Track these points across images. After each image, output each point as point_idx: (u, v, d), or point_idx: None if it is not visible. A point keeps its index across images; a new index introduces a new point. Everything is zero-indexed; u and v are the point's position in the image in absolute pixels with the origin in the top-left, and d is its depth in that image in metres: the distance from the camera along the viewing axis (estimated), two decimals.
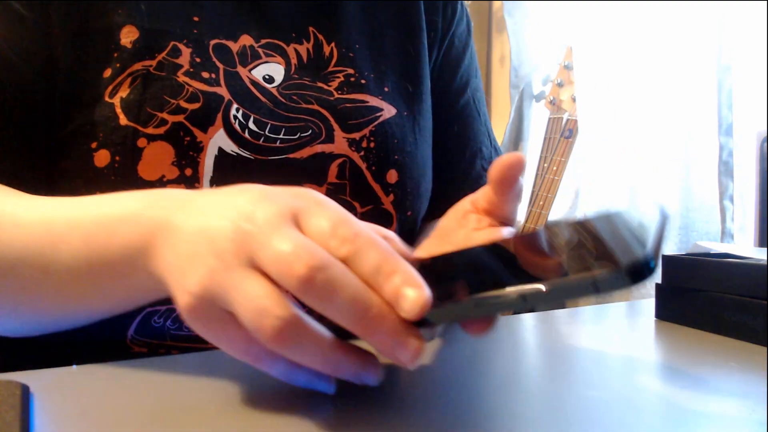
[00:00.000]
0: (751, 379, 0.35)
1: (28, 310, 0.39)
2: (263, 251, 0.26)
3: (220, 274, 0.27)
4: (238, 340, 0.28)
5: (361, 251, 0.27)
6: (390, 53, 0.58)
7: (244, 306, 0.26)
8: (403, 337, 0.26)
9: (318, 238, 0.27)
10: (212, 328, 0.28)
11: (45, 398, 0.30)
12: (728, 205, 1.34)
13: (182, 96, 0.46)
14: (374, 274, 0.26)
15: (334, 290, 0.25)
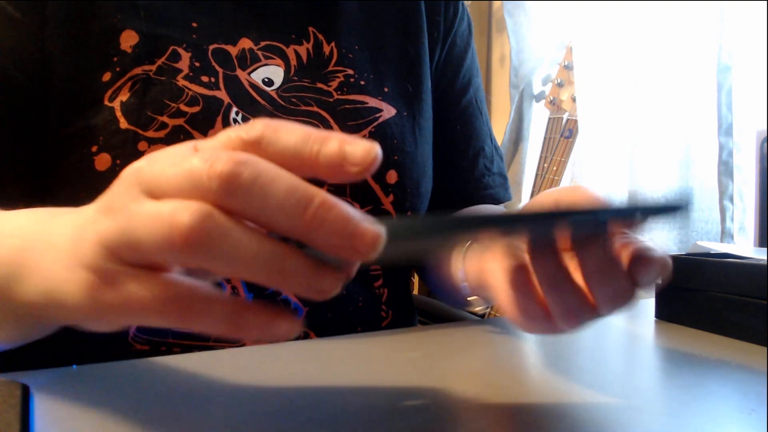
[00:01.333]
0: (751, 379, 0.35)
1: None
2: (161, 177, 0.22)
3: (111, 220, 0.23)
4: (160, 291, 0.22)
5: (277, 130, 0.22)
6: (390, 53, 0.58)
7: (144, 225, 0.21)
8: (357, 221, 0.21)
9: (220, 144, 0.23)
10: (127, 295, 0.23)
11: (45, 398, 0.30)
12: (728, 205, 1.34)
13: (182, 100, 0.46)
14: (302, 147, 0.22)
15: (266, 183, 0.20)
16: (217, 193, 0.20)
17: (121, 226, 0.22)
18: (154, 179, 0.23)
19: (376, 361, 0.39)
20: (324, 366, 0.37)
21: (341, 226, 0.20)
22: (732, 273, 0.45)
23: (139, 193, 0.23)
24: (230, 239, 0.20)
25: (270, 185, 0.20)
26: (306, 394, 0.31)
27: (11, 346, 0.35)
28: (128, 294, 0.22)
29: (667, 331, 0.48)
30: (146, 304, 0.22)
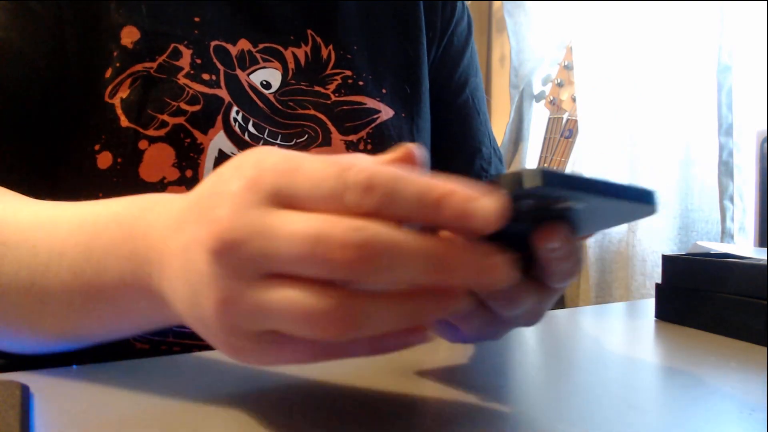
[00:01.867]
0: (751, 379, 0.35)
1: (28, 335, 0.37)
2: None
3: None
4: (301, 348, 0.23)
5: (392, 192, 0.21)
6: (388, 54, 0.58)
7: (290, 241, 0.21)
8: (489, 256, 0.21)
9: (325, 204, 0.21)
10: (267, 353, 0.24)
11: (45, 398, 0.30)
12: (728, 205, 1.34)
13: (183, 98, 0.46)
14: (419, 209, 0.21)
15: (393, 255, 0.20)
16: (342, 278, 0.20)
17: (258, 237, 0.21)
18: (289, 188, 0.22)
19: (376, 361, 0.39)
20: (324, 366, 0.37)
21: (476, 264, 0.21)
22: (732, 273, 0.45)
23: (268, 202, 0.22)
24: (397, 249, 0.20)
25: (398, 257, 0.20)
26: (306, 394, 0.31)
27: (97, 341, 0.36)
28: (262, 303, 0.22)
29: (667, 331, 0.48)
30: (309, 312, 0.21)
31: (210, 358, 0.39)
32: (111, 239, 0.30)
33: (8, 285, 0.34)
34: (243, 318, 0.23)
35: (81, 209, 0.34)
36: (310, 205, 0.22)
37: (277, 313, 0.22)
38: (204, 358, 0.39)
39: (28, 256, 0.33)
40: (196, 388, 0.32)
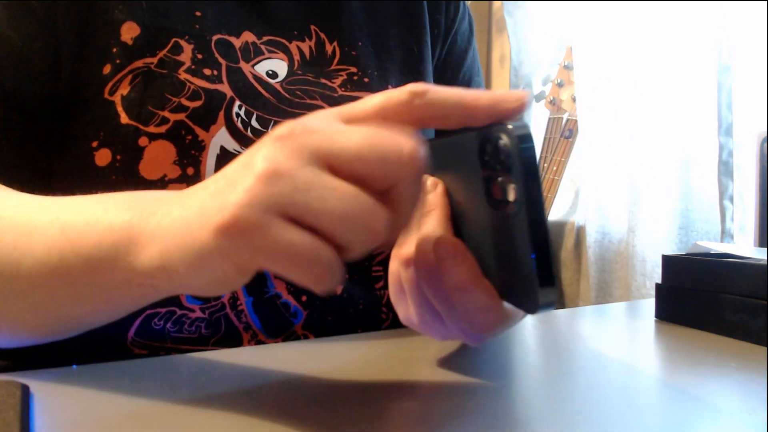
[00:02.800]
0: (751, 379, 0.35)
1: (10, 329, 0.38)
2: (333, 150, 0.24)
3: (281, 185, 0.23)
4: (303, 247, 0.24)
5: (436, 94, 0.27)
6: (393, 51, 0.58)
7: (334, 202, 0.23)
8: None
9: (376, 112, 0.27)
10: (268, 239, 0.24)
11: (45, 398, 0.30)
12: (728, 205, 1.34)
13: (184, 94, 0.45)
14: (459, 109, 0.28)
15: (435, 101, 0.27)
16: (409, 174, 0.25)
17: (298, 190, 0.24)
18: (335, 154, 0.24)
19: (376, 361, 0.39)
20: (324, 366, 0.37)
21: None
22: (732, 273, 0.45)
23: (315, 162, 0.24)
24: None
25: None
26: (306, 394, 0.31)
27: (94, 326, 0.37)
28: (286, 239, 0.24)
29: (667, 331, 0.48)
30: (302, 250, 0.24)
31: (210, 359, 0.39)
32: (111, 211, 0.32)
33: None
34: (286, 191, 0.24)
35: (86, 198, 0.35)
36: (367, 121, 0.27)
37: (323, 199, 0.24)
38: (203, 358, 0.39)
39: (13, 232, 0.35)
40: (196, 388, 0.32)
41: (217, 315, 0.46)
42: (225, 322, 0.47)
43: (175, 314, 0.46)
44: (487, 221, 0.28)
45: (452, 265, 0.29)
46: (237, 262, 0.25)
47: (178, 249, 0.26)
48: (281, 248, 0.24)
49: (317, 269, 0.24)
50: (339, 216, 0.24)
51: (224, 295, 0.47)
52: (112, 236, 0.30)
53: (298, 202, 0.24)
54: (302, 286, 0.26)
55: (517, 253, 0.26)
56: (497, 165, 0.26)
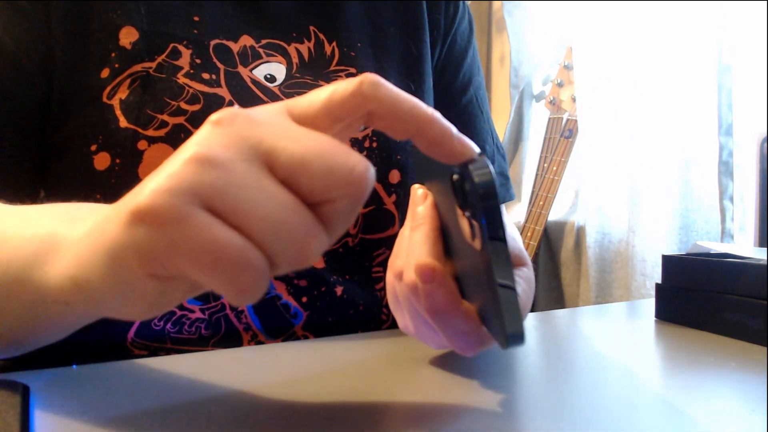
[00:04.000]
0: (751, 379, 0.35)
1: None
2: (277, 147, 0.22)
3: (213, 174, 0.21)
4: (231, 247, 0.21)
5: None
6: (392, 51, 0.58)
7: (265, 207, 0.21)
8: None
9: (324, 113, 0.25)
10: (189, 232, 0.20)
11: (45, 398, 0.30)
12: (728, 205, 1.34)
13: (182, 97, 0.45)
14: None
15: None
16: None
17: (231, 185, 0.21)
18: (277, 154, 0.22)
19: (376, 361, 0.39)
20: (324, 366, 0.37)
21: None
22: (732, 273, 0.45)
23: (253, 158, 0.22)
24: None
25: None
26: (306, 394, 0.31)
27: (19, 352, 0.35)
28: (211, 234, 0.20)
29: (667, 331, 0.48)
30: (227, 246, 0.20)
31: (210, 359, 0.39)
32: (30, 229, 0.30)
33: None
34: (217, 182, 0.21)
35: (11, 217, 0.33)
36: (314, 118, 0.24)
37: (257, 201, 0.21)
38: (203, 358, 0.39)
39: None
40: (196, 388, 0.32)
41: (217, 316, 0.46)
42: (225, 322, 0.47)
43: (175, 315, 0.46)
44: (465, 248, 0.28)
45: (431, 290, 0.29)
46: (150, 260, 0.21)
47: (91, 253, 0.23)
48: (204, 244, 0.20)
49: (244, 276, 0.21)
50: (272, 225, 0.21)
51: None
52: (31, 247, 0.28)
53: (229, 197, 0.21)
54: (221, 295, 0.22)
55: (487, 289, 0.26)
56: (465, 202, 0.26)
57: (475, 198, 0.24)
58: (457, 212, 0.28)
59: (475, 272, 0.28)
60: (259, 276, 0.21)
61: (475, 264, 0.27)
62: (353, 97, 0.24)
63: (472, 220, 0.26)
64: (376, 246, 0.53)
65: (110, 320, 0.40)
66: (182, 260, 0.21)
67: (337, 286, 0.50)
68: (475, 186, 0.24)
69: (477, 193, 0.24)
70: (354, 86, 0.24)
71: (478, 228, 0.25)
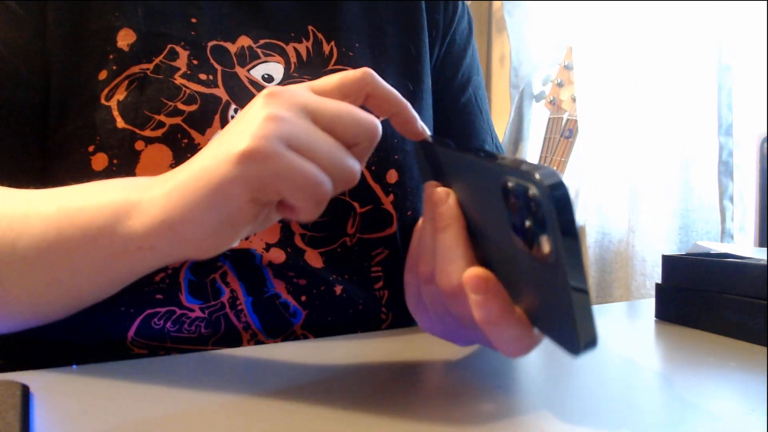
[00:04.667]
0: (751, 379, 0.35)
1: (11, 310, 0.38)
2: (316, 109, 0.31)
3: (282, 122, 0.29)
4: (313, 172, 0.29)
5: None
6: (390, 51, 0.58)
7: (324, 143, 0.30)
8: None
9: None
10: (285, 164, 0.29)
11: (45, 398, 0.30)
12: (728, 205, 1.34)
13: (179, 98, 0.46)
14: None
15: None
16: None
17: (301, 132, 0.30)
18: (320, 112, 0.31)
19: (376, 361, 0.39)
20: (324, 366, 0.37)
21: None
22: (732, 273, 0.45)
23: (305, 115, 0.31)
24: None
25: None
26: (306, 394, 0.31)
27: (90, 302, 0.38)
28: (299, 165, 0.29)
29: (667, 331, 0.48)
30: (308, 173, 0.29)
31: (210, 359, 0.39)
32: (89, 212, 0.34)
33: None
34: (292, 130, 0.29)
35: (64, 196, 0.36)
36: (331, 93, 0.33)
37: (317, 141, 0.30)
38: (203, 358, 0.39)
39: (11, 206, 0.37)
40: (196, 388, 0.32)
41: (217, 315, 0.47)
42: (225, 321, 0.47)
43: (175, 314, 0.46)
44: (516, 255, 0.27)
45: (484, 301, 0.28)
46: (255, 186, 0.29)
47: (189, 194, 0.30)
48: (295, 171, 0.28)
49: (321, 190, 0.29)
50: (330, 157, 0.30)
51: (224, 294, 0.47)
52: (109, 208, 0.33)
53: (301, 140, 0.29)
54: (298, 208, 0.30)
55: (557, 300, 0.25)
56: (527, 212, 0.25)
57: (546, 208, 0.23)
58: (505, 221, 0.26)
59: (535, 282, 0.26)
60: (328, 191, 0.30)
61: (539, 274, 0.25)
62: (359, 81, 0.33)
63: (540, 232, 0.24)
64: (375, 245, 0.53)
65: (110, 320, 0.40)
66: (282, 184, 0.29)
67: (336, 286, 0.50)
68: (547, 193, 0.23)
69: (551, 201, 0.23)
70: (360, 72, 0.33)
71: (548, 240, 0.24)
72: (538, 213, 0.24)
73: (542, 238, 0.24)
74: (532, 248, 0.25)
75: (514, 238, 0.26)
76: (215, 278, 0.46)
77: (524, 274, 0.27)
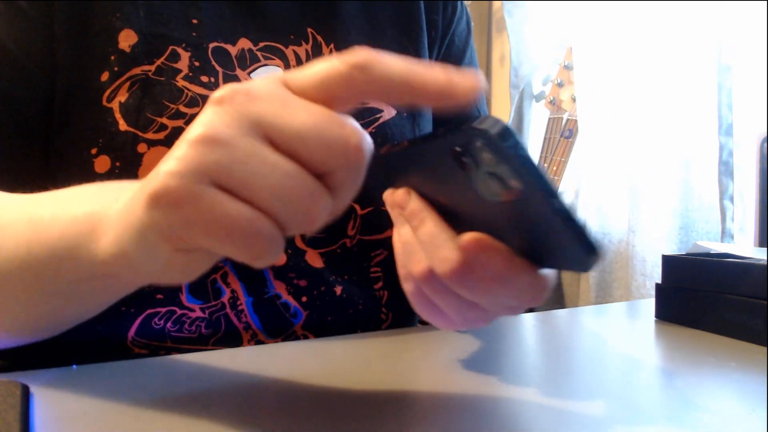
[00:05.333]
0: (751, 379, 0.35)
1: None
2: (277, 124, 0.23)
3: (218, 153, 0.23)
4: (242, 219, 0.23)
5: (383, 57, 0.25)
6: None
7: (267, 176, 0.22)
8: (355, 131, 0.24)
9: (324, 88, 0.25)
10: (202, 210, 0.23)
11: (45, 398, 0.30)
12: (728, 205, 1.34)
13: (182, 101, 0.46)
14: (409, 73, 0.25)
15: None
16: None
17: (236, 161, 0.22)
18: (277, 129, 0.23)
19: (376, 361, 0.39)
20: (324, 366, 0.37)
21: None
22: (732, 273, 0.45)
23: (255, 133, 0.23)
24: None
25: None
26: (306, 394, 0.31)
27: (70, 324, 0.37)
28: (222, 210, 0.22)
29: (667, 331, 0.48)
30: (239, 221, 0.23)
31: (210, 358, 0.39)
32: (74, 203, 0.31)
33: None
34: (222, 159, 0.22)
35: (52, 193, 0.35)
36: (310, 92, 0.24)
37: (262, 173, 0.23)
38: (203, 358, 0.39)
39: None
40: (196, 388, 0.32)
41: (217, 315, 0.47)
42: (225, 321, 0.47)
43: (175, 314, 0.46)
44: (493, 211, 0.27)
45: (488, 259, 0.28)
46: (171, 236, 0.24)
47: (124, 230, 0.26)
48: (217, 219, 0.22)
49: (258, 243, 0.23)
50: (278, 193, 0.23)
51: (224, 294, 0.47)
52: (75, 227, 0.30)
53: (235, 172, 0.22)
54: (241, 262, 0.24)
55: (546, 228, 0.25)
56: (483, 164, 0.25)
57: (494, 145, 0.23)
58: (469, 183, 0.26)
59: (515, 223, 0.27)
60: (271, 241, 0.23)
61: (514, 215, 0.26)
62: (349, 79, 0.24)
63: (504, 177, 0.25)
64: (374, 247, 0.53)
65: (111, 320, 0.39)
66: (199, 235, 0.23)
67: (337, 286, 0.50)
68: (491, 134, 0.23)
69: (495, 139, 0.23)
70: (351, 64, 0.24)
71: (510, 173, 0.24)
72: (492, 157, 0.24)
73: (507, 179, 0.24)
74: (503, 194, 0.25)
75: (483, 194, 0.26)
76: (216, 278, 0.46)
77: (508, 224, 0.28)
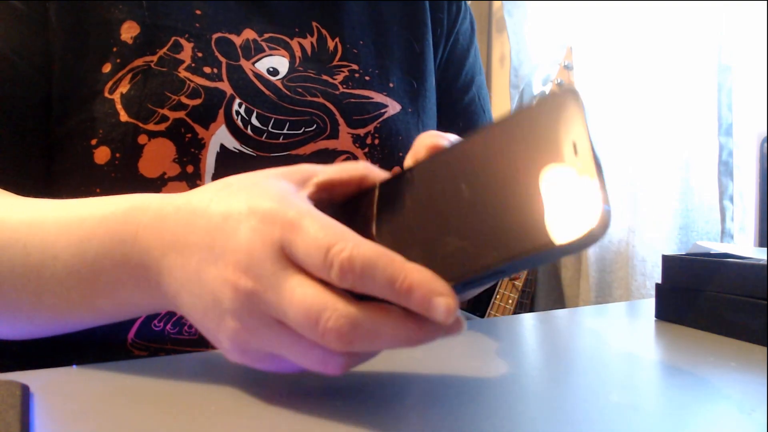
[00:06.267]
0: (751, 379, 0.35)
1: (24, 325, 0.38)
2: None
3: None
4: (297, 349, 0.27)
5: (366, 276, 0.25)
6: (395, 49, 0.58)
7: (294, 310, 0.26)
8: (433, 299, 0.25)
9: (318, 273, 0.26)
10: (268, 363, 0.29)
11: (45, 398, 0.30)
12: (728, 205, 1.34)
13: (183, 92, 0.45)
14: (390, 294, 0.26)
15: (372, 336, 0.26)
16: (340, 283, 0.26)
17: (272, 292, 0.26)
18: (290, 248, 0.27)
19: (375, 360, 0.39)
20: None
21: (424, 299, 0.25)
22: (732, 273, 0.45)
23: (278, 255, 0.27)
24: (376, 334, 0.26)
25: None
26: (306, 393, 0.31)
27: (107, 321, 0.38)
28: (272, 340, 0.28)
29: (667, 331, 0.48)
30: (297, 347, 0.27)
31: (210, 358, 0.39)
32: (101, 244, 0.33)
33: (3, 281, 0.35)
34: (255, 344, 0.28)
35: (67, 210, 0.35)
36: (308, 269, 0.26)
37: (283, 350, 0.28)
38: (203, 358, 0.39)
39: (20, 255, 0.35)
40: (196, 388, 0.32)
41: None
42: None
43: (175, 316, 0.46)
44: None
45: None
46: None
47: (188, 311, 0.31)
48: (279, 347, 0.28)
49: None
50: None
51: None
52: (126, 270, 0.32)
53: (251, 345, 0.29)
54: None
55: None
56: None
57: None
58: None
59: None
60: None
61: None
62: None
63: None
64: None
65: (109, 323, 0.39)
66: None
67: None
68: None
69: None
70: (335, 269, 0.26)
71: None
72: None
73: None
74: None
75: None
76: None
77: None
